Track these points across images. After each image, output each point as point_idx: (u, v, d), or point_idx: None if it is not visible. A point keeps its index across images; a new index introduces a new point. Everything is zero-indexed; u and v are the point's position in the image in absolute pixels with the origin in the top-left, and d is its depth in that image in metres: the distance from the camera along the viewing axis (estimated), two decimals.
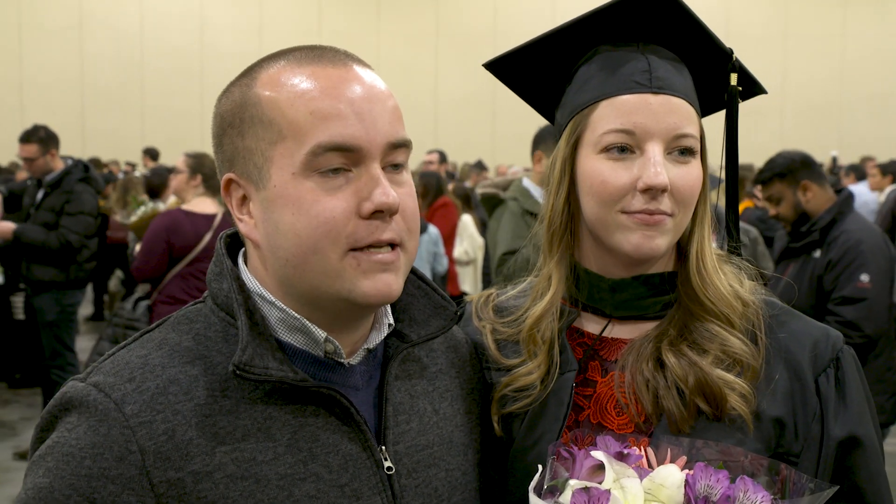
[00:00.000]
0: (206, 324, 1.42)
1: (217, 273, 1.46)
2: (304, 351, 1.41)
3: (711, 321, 1.62)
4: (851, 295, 4.72)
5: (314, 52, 1.41)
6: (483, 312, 1.81)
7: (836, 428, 1.58)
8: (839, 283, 4.77)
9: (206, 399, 1.33)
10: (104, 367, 1.36)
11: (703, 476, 1.36)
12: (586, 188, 1.62)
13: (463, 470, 1.57)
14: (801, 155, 5.15)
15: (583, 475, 1.40)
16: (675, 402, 1.56)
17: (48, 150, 7.26)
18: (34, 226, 7.13)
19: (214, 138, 1.45)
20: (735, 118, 1.71)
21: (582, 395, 1.66)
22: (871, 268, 4.75)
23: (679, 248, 1.70)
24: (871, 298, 4.71)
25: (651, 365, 1.60)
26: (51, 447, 1.29)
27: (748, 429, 1.55)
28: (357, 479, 1.38)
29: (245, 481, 1.30)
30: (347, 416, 1.40)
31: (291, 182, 1.34)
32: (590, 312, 1.72)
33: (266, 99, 1.37)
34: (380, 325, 1.50)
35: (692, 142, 1.60)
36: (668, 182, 1.55)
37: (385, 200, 1.34)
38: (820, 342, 1.63)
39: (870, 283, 4.73)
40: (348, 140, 1.33)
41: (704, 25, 1.63)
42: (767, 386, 1.58)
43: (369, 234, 1.35)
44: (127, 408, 1.29)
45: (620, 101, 1.59)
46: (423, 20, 22.50)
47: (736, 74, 1.68)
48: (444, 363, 1.64)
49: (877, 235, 4.96)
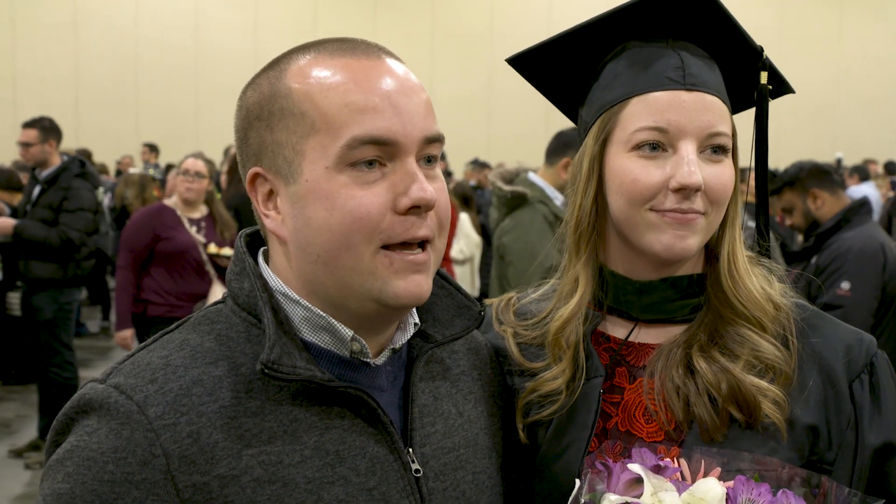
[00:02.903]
0: (228, 324, 1.38)
1: (237, 272, 1.42)
2: (328, 351, 1.37)
3: (742, 325, 1.58)
4: (830, 302, 4.74)
5: (346, 44, 1.37)
6: (504, 316, 1.77)
7: (871, 435, 1.55)
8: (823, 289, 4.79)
9: (231, 400, 1.29)
10: (124, 368, 1.31)
11: (744, 490, 1.32)
12: (615, 187, 1.58)
13: (488, 473, 1.53)
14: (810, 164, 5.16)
15: (620, 489, 1.37)
16: (706, 409, 1.52)
17: (47, 140, 7.19)
18: (34, 222, 7.07)
19: (238, 132, 1.40)
20: (765, 117, 1.68)
21: (609, 402, 1.62)
22: (854, 276, 4.75)
23: (707, 249, 1.66)
24: (848, 306, 4.71)
25: (681, 371, 1.56)
26: (70, 451, 1.24)
27: (782, 437, 1.51)
28: (385, 483, 1.35)
29: (272, 485, 1.26)
30: (374, 418, 1.36)
31: (325, 176, 1.30)
32: (615, 316, 1.68)
33: (297, 91, 1.33)
34: (405, 325, 1.46)
35: (725, 140, 1.56)
36: (701, 181, 1.51)
37: (423, 196, 1.30)
38: (853, 347, 1.59)
39: (850, 291, 4.74)
40: (385, 133, 1.30)
41: (736, 21, 1.60)
42: (801, 392, 1.54)
43: (405, 231, 1.31)
44: (150, 410, 1.24)
45: (653, 97, 1.55)
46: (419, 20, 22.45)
47: (766, 73, 1.64)
48: (466, 365, 1.61)
49: (874, 244, 4.93)
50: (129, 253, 6.28)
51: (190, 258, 6.25)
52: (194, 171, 6.34)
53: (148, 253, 6.24)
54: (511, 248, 4.84)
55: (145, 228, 6.26)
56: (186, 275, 6.26)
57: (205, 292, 6.28)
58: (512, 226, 4.89)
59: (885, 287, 4.88)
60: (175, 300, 6.23)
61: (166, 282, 6.23)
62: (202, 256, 6.27)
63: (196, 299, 6.22)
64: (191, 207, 6.41)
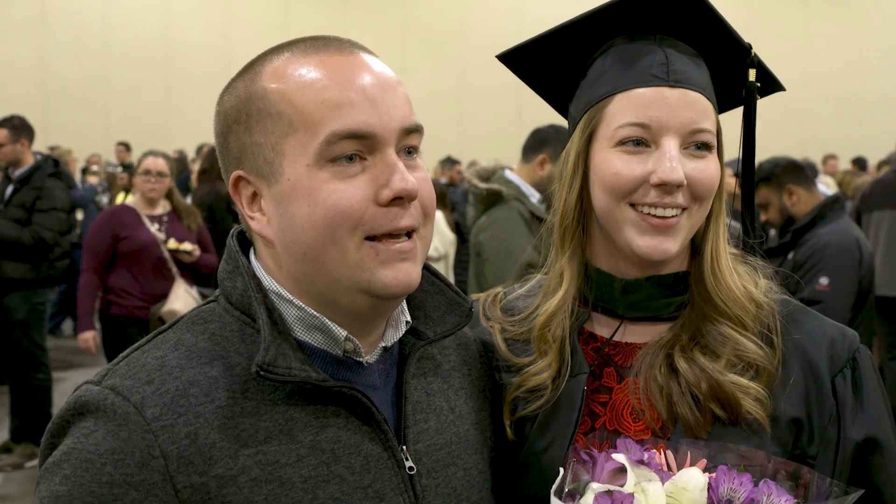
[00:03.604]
0: (222, 323, 1.38)
1: (230, 271, 1.42)
2: (321, 350, 1.38)
3: (725, 323, 1.60)
4: (809, 297, 4.79)
5: (319, 42, 1.38)
6: (491, 312, 1.78)
7: (853, 430, 1.57)
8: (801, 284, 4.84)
9: (227, 401, 1.29)
10: (119, 369, 1.31)
11: (725, 479, 1.34)
12: (598, 180, 1.60)
13: (479, 468, 1.55)
14: (786, 160, 5.20)
15: (604, 478, 1.38)
16: (689, 408, 1.54)
17: (18, 139, 7.13)
18: (7, 221, 7.01)
19: (218, 137, 1.41)
20: (753, 115, 1.69)
21: (597, 401, 1.64)
22: (832, 271, 4.81)
23: (693, 245, 1.67)
24: (828, 301, 4.76)
25: (664, 371, 1.58)
26: (67, 453, 1.24)
27: (765, 432, 1.53)
28: (380, 480, 1.36)
29: (269, 485, 1.27)
30: (368, 416, 1.37)
31: (306, 174, 1.30)
32: (601, 313, 1.69)
33: (273, 91, 1.34)
34: (396, 323, 1.47)
35: (709, 137, 1.58)
36: (683, 177, 1.53)
37: (404, 186, 1.31)
38: (836, 342, 1.61)
39: (828, 286, 4.79)
40: (363, 127, 1.31)
41: (723, 19, 1.61)
42: (784, 388, 1.56)
43: (388, 222, 1.32)
44: (148, 411, 1.25)
45: (637, 94, 1.57)
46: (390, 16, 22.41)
47: (754, 70, 1.66)
48: (456, 360, 1.62)
49: (849, 239, 4.99)
50: (90, 256, 6.29)
51: (152, 255, 6.22)
52: (156, 170, 6.31)
53: (111, 255, 6.24)
54: (487, 246, 4.86)
55: (105, 230, 6.27)
56: (148, 274, 6.24)
57: (165, 293, 6.25)
58: (488, 223, 4.90)
59: (860, 281, 4.94)
60: (137, 300, 6.22)
61: (128, 282, 6.22)
62: (164, 254, 6.25)
63: (156, 300, 6.21)
64: (152, 204, 6.39)
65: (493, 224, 4.86)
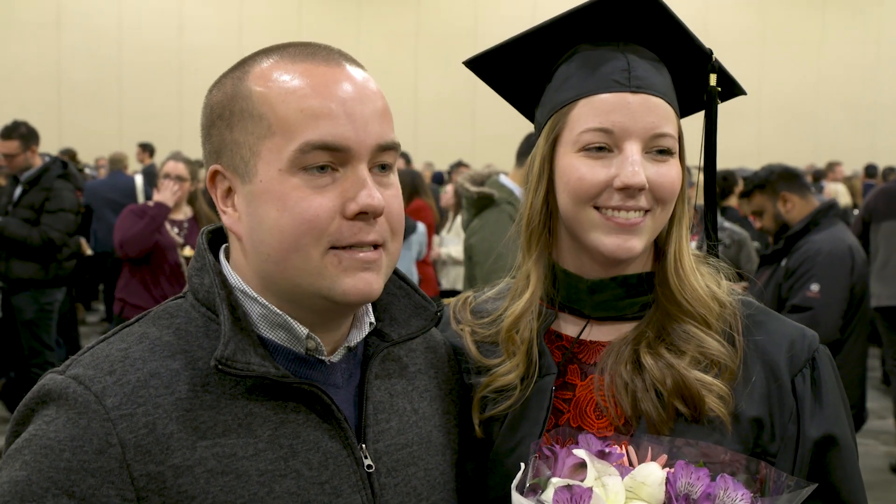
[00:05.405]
0: (187, 318, 1.42)
1: (198, 268, 1.45)
2: (285, 348, 1.41)
3: (689, 322, 1.63)
4: (800, 303, 4.81)
5: (308, 50, 1.41)
6: (461, 315, 1.82)
7: (811, 428, 1.60)
8: (792, 291, 4.86)
9: (188, 393, 1.33)
10: (83, 359, 1.35)
11: (683, 474, 1.37)
12: (563, 185, 1.63)
13: (441, 469, 1.57)
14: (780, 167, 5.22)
15: (565, 473, 1.41)
16: (653, 404, 1.57)
17: (29, 147, 7.21)
18: (16, 220, 7.07)
19: (203, 128, 1.45)
20: (714, 118, 1.72)
21: (561, 398, 1.66)
22: (823, 278, 4.81)
23: (657, 247, 1.70)
24: (818, 308, 4.78)
25: (629, 367, 1.61)
26: (28, 440, 1.27)
27: (727, 430, 1.55)
28: (337, 477, 1.38)
29: (225, 476, 1.30)
30: (328, 414, 1.40)
31: (278, 178, 1.34)
32: (567, 313, 1.73)
33: (257, 93, 1.37)
34: (360, 324, 1.50)
35: (670, 141, 1.61)
36: (645, 181, 1.56)
37: (370, 202, 1.34)
38: (796, 343, 1.64)
39: (819, 292, 4.80)
40: (338, 139, 1.34)
41: (684, 25, 1.64)
42: (745, 387, 1.59)
43: (352, 235, 1.35)
44: (107, 400, 1.28)
45: (599, 99, 1.60)
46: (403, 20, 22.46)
47: (715, 75, 1.69)
48: (422, 363, 1.64)
49: (842, 247, 4.99)
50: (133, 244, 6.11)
51: (168, 259, 6.24)
52: (175, 174, 6.33)
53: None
54: (478, 249, 4.89)
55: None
56: (163, 277, 6.23)
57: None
58: (479, 226, 4.95)
59: (853, 288, 4.95)
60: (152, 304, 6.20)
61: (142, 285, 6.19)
62: (179, 259, 6.27)
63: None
64: (174, 209, 6.40)
65: (484, 227, 4.90)
